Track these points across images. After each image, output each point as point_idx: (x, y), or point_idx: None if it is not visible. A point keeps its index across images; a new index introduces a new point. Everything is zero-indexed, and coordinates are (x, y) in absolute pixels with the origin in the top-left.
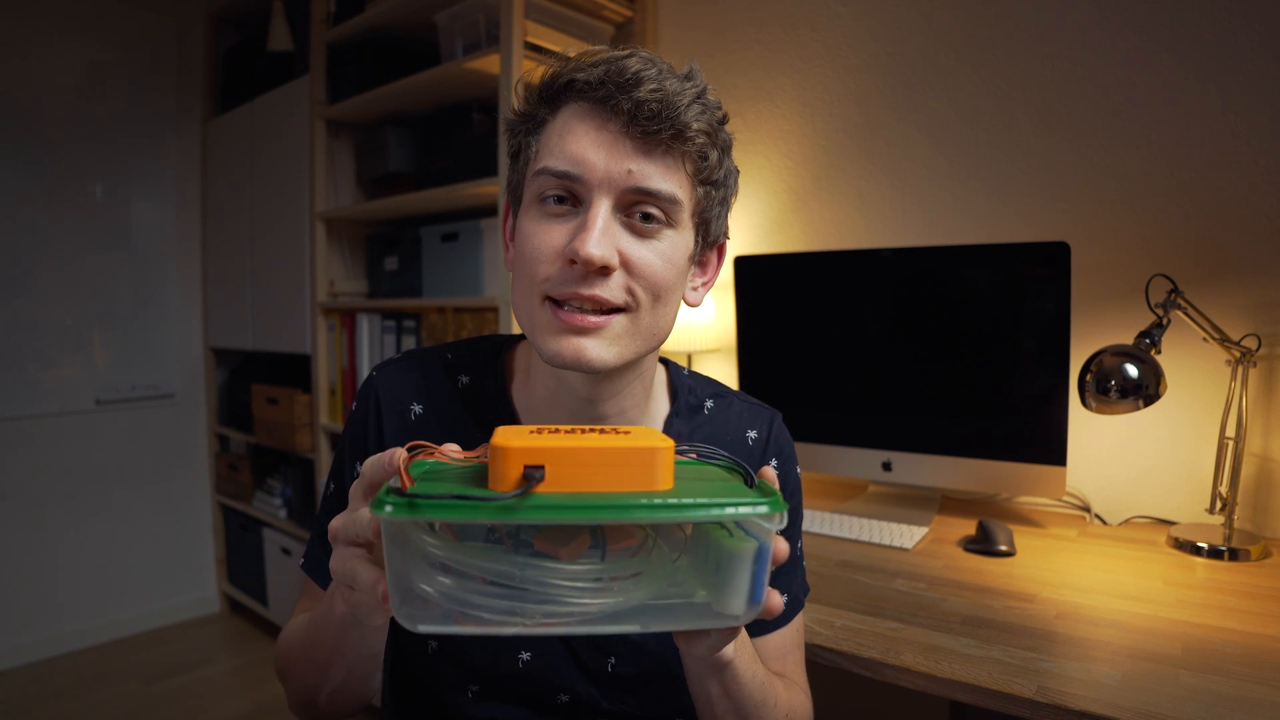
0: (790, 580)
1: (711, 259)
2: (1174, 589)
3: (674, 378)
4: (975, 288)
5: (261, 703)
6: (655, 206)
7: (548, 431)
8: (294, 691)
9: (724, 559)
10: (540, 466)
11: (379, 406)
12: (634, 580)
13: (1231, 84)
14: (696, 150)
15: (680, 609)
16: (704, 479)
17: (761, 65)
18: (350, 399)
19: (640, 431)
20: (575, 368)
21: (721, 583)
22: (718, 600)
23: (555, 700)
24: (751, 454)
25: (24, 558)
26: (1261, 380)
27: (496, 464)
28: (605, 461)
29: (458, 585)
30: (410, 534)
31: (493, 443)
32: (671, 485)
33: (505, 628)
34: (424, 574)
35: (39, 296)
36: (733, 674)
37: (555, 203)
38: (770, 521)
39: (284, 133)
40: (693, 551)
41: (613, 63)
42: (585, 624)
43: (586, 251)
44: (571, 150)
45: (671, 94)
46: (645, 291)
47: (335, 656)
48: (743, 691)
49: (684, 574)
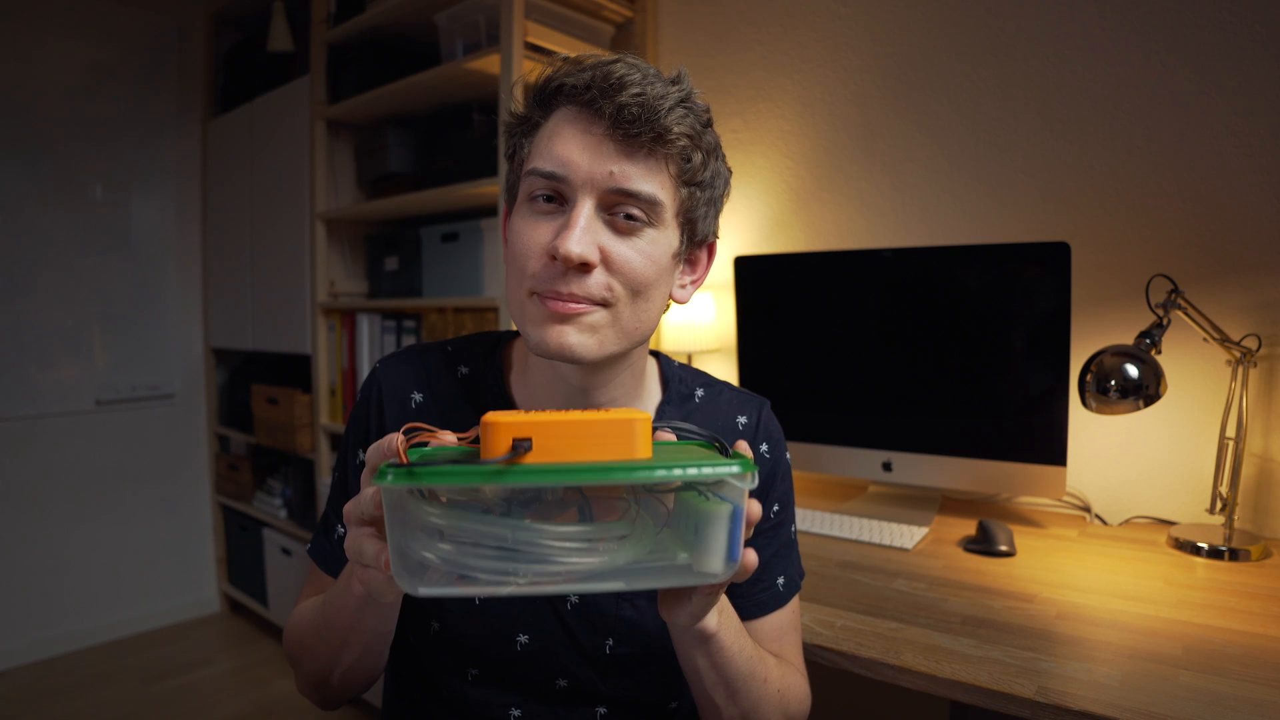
0: (786, 564)
1: (701, 257)
2: (1174, 589)
3: (665, 369)
4: (975, 288)
5: (261, 703)
6: (636, 206)
7: (534, 412)
8: (307, 673)
9: (701, 521)
10: (528, 438)
11: (381, 396)
12: (619, 542)
13: (1231, 84)
14: (679, 152)
15: (665, 569)
16: (680, 447)
17: (761, 65)
18: (350, 399)
19: (622, 409)
20: (559, 357)
21: (700, 543)
22: (697, 560)
23: (554, 685)
24: (742, 439)
25: (24, 558)
26: (1261, 380)
27: (487, 438)
28: (587, 433)
29: (455, 550)
30: (409, 504)
31: (483, 420)
32: (650, 454)
33: (500, 587)
34: (422, 541)
35: (39, 297)
36: (718, 645)
37: (544, 201)
38: (743, 482)
39: (284, 133)
40: (674, 521)
41: (600, 67)
42: (574, 582)
43: (566, 248)
44: (558, 152)
45: (653, 98)
46: (624, 287)
47: (352, 635)
48: (730, 664)
49: (666, 540)
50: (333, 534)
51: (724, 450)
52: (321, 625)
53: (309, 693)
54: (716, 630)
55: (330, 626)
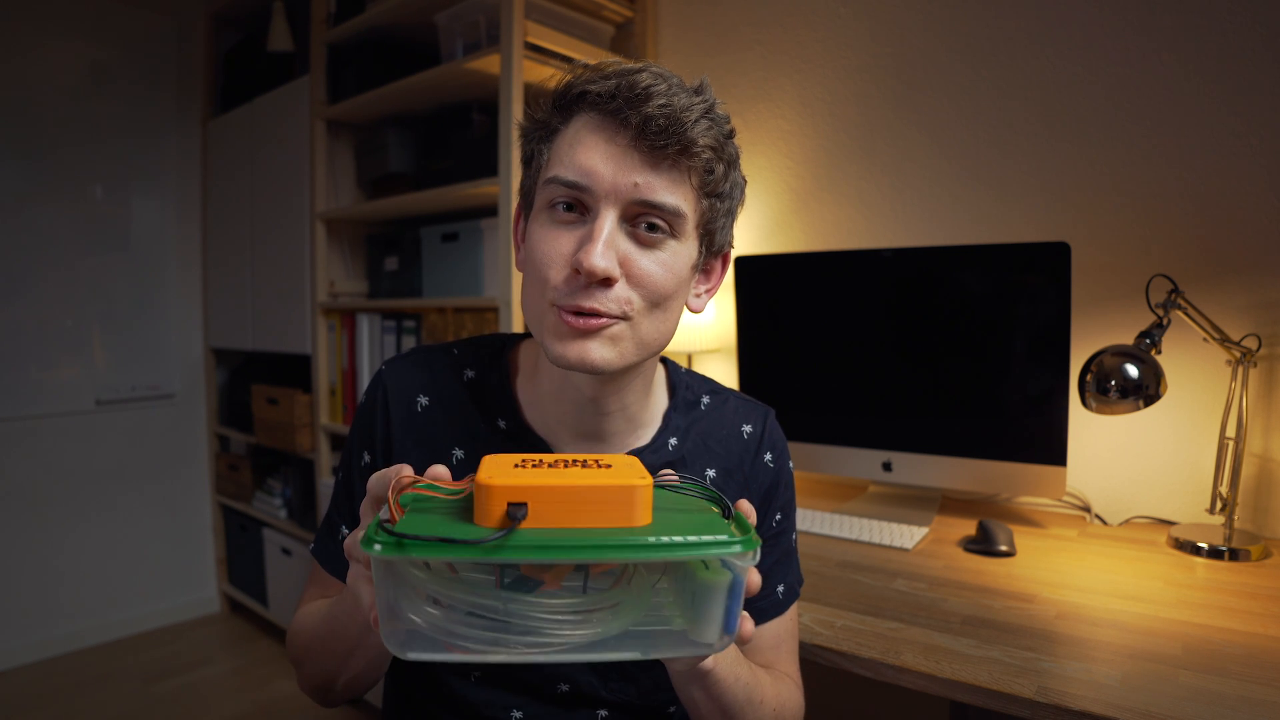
0: (786, 572)
1: (715, 267)
2: (1174, 589)
3: (672, 374)
4: (975, 288)
5: (261, 703)
6: (660, 218)
7: (531, 465)
8: (310, 676)
9: (699, 591)
10: (523, 504)
11: (386, 399)
12: (613, 610)
13: (1231, 84)
14: (702, 165)
15: (658, 636)
16: (682, 509)
17: (761, 65)
18: (350, 399)
19: (622, 464)
20: (580, 369)
21: (697, 614)
22: (693, 629)
23: (555, 689)
24: (746, 448)
25: (24, 558)
26: (1261, 380)
27: (481, 500)
28: (586, 499)
29: (445, 616)
30: (400, 567)
31: (477, 479)
32: (650, 519)
33: (490, 656)
34: (413, 605)
35: (39, 297)
36: (714, 680)
37: (565, 210)
38: (744, 560)
39: (284, 133)
40: (671, 578)
41: (625, 76)
42: (566, 653)
43: (590, 263)
44: (581, 161)
45: (679, 109)
46: (644, 300)
47: (358, 650)
48: (726, 695)
49: (662, 601)
50: (336, 534)
51: (726, 511)
52: (327, 635)
53: (311, 693)
54: (713, 668)
55: (336, 637)
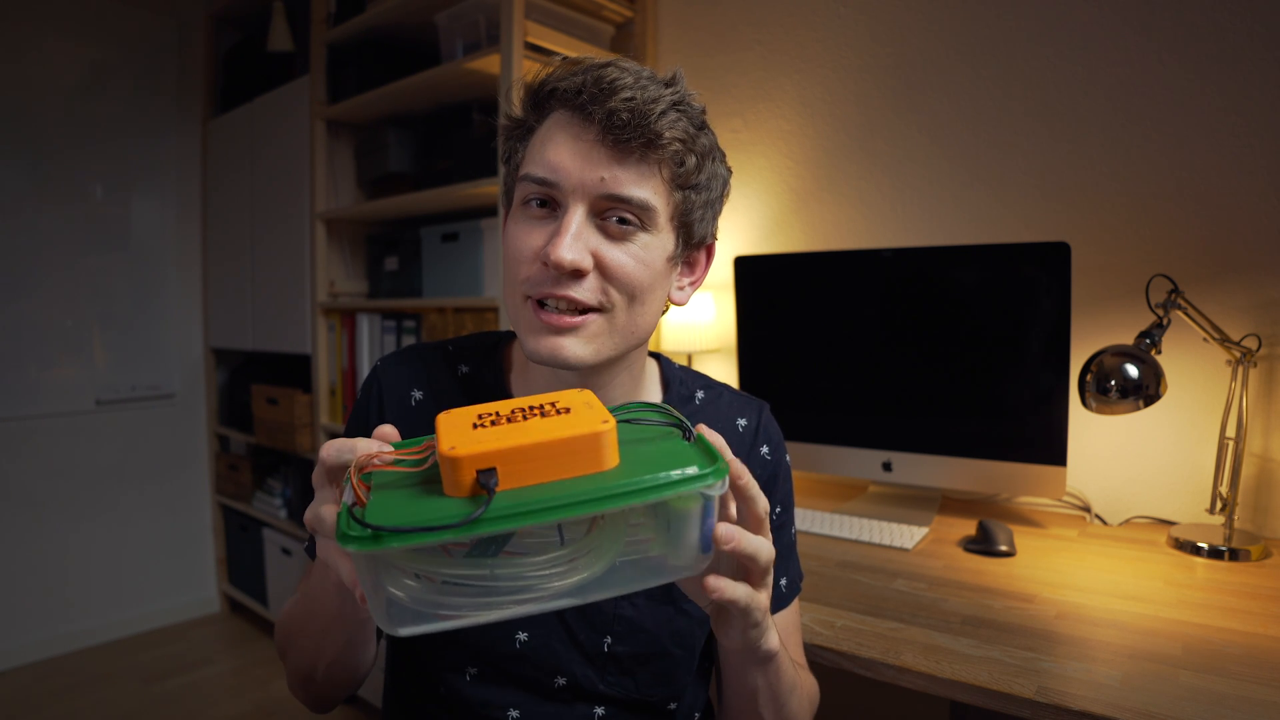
0: (787, 567)
1: (699, 259)
2: (1174, 589)
3: (666, 370)
4: (975, 288)
5: (261, 703)
6: (629, 212)
7: (489, 421)
8: (294, 668)
9: (674, 518)
10: (492, 470)
11: (381, 394)
12: (594, 553)
13: (1232, 84)
14: (671, 157)
15: (641, 566)
16: (646, 439)
17: (761, 65)
18: (350, 399)
19: (579, 405)
20: (553, 364)
21: (673, 538)
22: (671, 554)
23: (553, 683)
24: (742, 440)
25: (24, 558)
26: (1261, 380)
27: (449, 472)
28: (553, 453)
29: (431, 588)
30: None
31: (440, 450)
32: (617, 460)
33: (483, 616)
34: (397, 582)
35: (39, 297)
36: (776, 665)
37: (538, 206)
38: (714, 490)
39: (284, 133)
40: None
41: (591, 71)
42: (556, 599)
43: (557, 255)
44: (550, 158)
45: (644, 102)
46: (619, 292)
47: (334, 624)
48: (782, 681)
49: (638, 534)
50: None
51: (686, 433)
52: (304, 615)
53: (298, 689)
54: (778, 649)
55: (312, 615)
